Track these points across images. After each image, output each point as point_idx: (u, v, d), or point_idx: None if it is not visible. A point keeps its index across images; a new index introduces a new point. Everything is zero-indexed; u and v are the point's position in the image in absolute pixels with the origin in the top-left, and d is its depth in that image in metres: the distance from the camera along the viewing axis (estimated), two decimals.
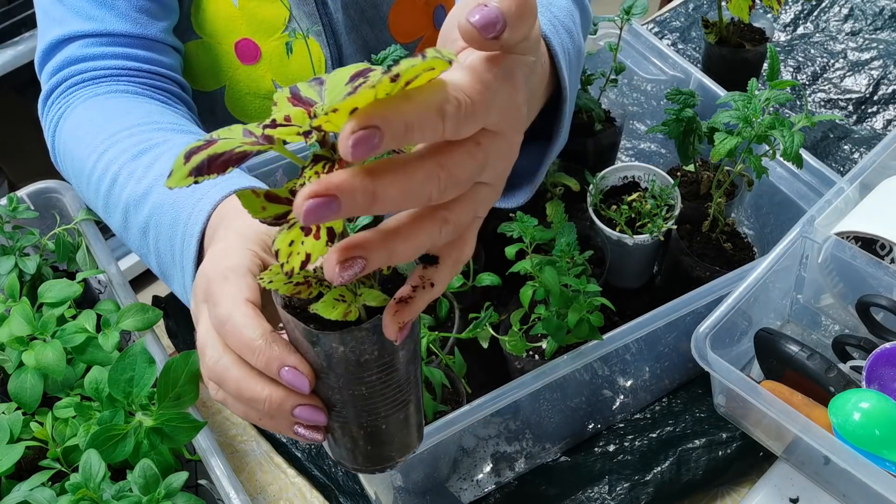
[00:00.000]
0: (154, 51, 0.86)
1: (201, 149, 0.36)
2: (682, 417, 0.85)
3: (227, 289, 0.47)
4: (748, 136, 0.78)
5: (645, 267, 0.93)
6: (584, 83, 0.94)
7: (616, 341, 0.74)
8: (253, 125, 0.38)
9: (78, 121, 0.81)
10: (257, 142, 0.37)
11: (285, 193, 0.40)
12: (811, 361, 0.73)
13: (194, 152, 0.36)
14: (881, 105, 1.15)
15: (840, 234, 0.76)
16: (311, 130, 0.37)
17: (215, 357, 0.46)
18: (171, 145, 0.73)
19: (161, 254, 0.68)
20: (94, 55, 0.83)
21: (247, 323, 0.45)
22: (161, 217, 0.67)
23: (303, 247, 0.38)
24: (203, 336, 0.48)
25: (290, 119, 0.37)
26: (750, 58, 1.09)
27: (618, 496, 0.80)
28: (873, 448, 0.67)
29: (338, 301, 0.41)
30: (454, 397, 0.76)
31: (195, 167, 0.36)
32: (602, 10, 0.99)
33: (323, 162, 0.38)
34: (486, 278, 0.77)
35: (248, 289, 0.47)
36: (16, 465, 0.69)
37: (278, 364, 0.43)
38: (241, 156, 0.37)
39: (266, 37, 0.93)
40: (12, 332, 0.73)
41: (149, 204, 0.69)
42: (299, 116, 0.37)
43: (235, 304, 0.46)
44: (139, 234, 0.70)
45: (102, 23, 0.83)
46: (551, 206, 0.85)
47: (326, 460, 0.85)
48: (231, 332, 0.45)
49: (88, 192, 0.78)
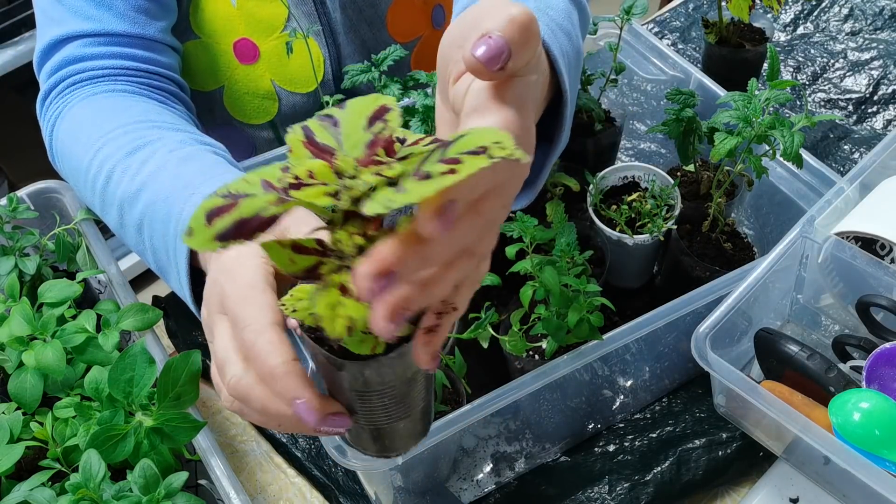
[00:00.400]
0: (152, 50, 0.86)
1: (223, 210, 0.35)
2: (682, 417, 0.85)
3: (251, 312, 0.47)
4: (748, 136, 0.78)
5: (645, 267, 0.93)
6: (584, 83, 0.94)
7: (616, 341, 0.74)
8: (271, 173, 0.37)
9: (75, 120, 0.81)
10: (283, 199, 0.35)
11: (312, 244, 0.39)
12: (811, 361, 0.73)
13: (216, 214, 0.35)
14: (881, 105, 1.15)
15: (840, 234, 0.76)
16: (339, 190, 0.36)
17: (238, 375, 0.47)
18: (165, 142, 0.73)
19: (157, 250, 0.68)
20: (92, 55, 0.83)
21: (271, 350, 0.45)
22: (154, 213, 0.67)
23: (345, 309, 0.38)
24: (224, 352, 0.49)
25: (314, 175, 0.36)
26: (750, 58, 1.09)
27: (618, 496, 0.80)
28: (873, 448, 0.67)
29: (366, 335, 0.41)
30: (454, 397, 0.76)
31: (221, 233, 0.34)
32: (602, 10, 0.99)
33: (356, 219, 0.37)
34: (486, 278, 0.77)
35: (271, 310, 0.48)
36: (16, 465, 0.69)
37: (292, 396, 0.44)
38: (270, 221, 0.35)
39: (265, 36, 0.93)
40: (12, 332, 0.73)
41: (142, 200, 0.69)
42: (324, 172, 0.36)
43: (262, 331, 0.46)
44: (135, 231, 0.70)
45: (101, 22, 0.83)
46: (551, 206, 0.85)
47: (326, 460, 0.85)
48: (256, 357, 0.46)
49: (85, 191, 0.78)
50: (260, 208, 0.35)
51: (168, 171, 0.69)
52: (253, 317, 0.47)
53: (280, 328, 0.47)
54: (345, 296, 0.38)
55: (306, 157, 0.38)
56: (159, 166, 0.70)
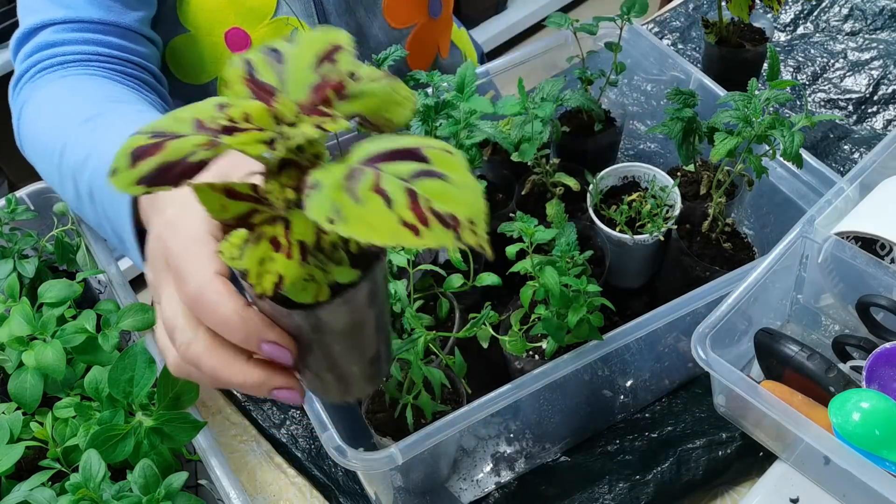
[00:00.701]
0: (127, 39, 0.85)
1: (149, 153, 0.32)
2: (682, 417, 0.85)
3: (193, 264, 0.45)
4: (748, 136, 0.78)
5: (645, 267, 0.93)
6: (585, 83, 0.94)
7: (616, 341, 0.74)
8: (205, 110, 0.33)
9: (39, 101, 0.80)
10: (215, 142, 0.33)
11: (246, 190, 0.36)
12: (811, 361, 0.73)
13: (141, 155, 0.32)
14: (881, 105, 1.15)
15: (840, 234, 0.76)
16: (275, 139, 0.33)
17: (188, 339, 0.46)
18: (119, 112, 0.71)
19: (110, 218, 0.66)
20: (65, 41, 0.83)
21: (220, 300, 0.44)
22: (102, 180, 0.64)
23: (274, 265, 0.36)
24: (172, 313, 0.47)
25: (250, 118, 0.33)
26: (750, 58, 1.09)
27: (618, 496, 0.80)
28: (873, 448, 0.67)
29: (308, 282, 0.39)
30: (454, 397, 0.76)
31: (145, 177, 0.32)
32: (602, 10, 0.99)
33: (291, 169, 0.35)
34: (486, 278, 0.77)
35: (214, 259, 0.46)
36: (16, 465, 0.69)
37: (258, 339, 0.43)
38: (199, 166, 0.33)
39: (255, 24, 0.93)
40: (12, 332, 0.73)
41: (90, 167, 0.67)
42: (261, 116, 0.34)
43: (206, 282, 0.45)
44: (88, 202, 0.68)
45: (75, 10, 0.83)
46: (551, 206, 0.85)
47: (326, 460, 0.85)
48: (205, 309, 0.44)
49: (48, 170, 0.75)
50: (188, 152, 0.32)
51: (116, 134, 0.65)
52: (195, 269, 0.45)
53: (226, 277, 0.45)
54: (276, 250, 0.36)
55: (245, 96, 0.35)
56: (108, 130, 0.68)
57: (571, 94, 0.89)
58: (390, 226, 0.30)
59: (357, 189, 0.31)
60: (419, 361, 0.70)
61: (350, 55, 0.36)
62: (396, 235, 0.30)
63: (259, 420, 0.89)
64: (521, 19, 2.68)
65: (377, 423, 0.75)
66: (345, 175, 0.32)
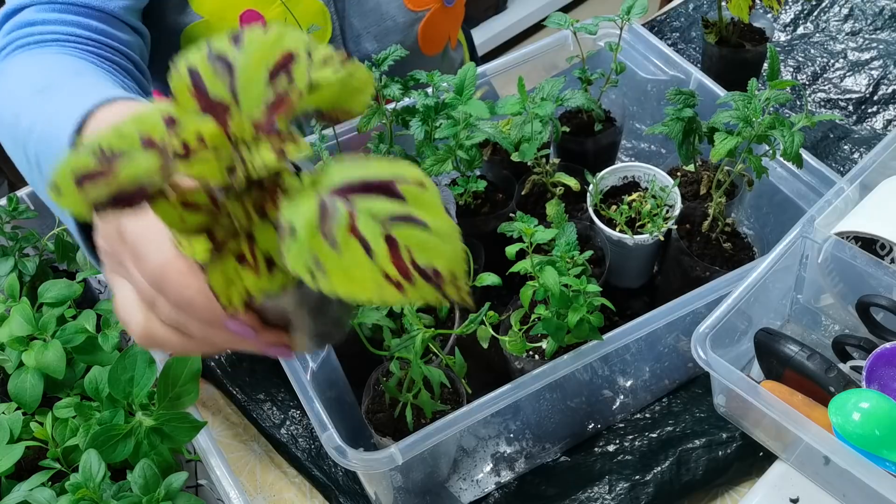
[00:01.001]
0: (109, 24, 0.84)
1: (97, 176, 0.30)
2: (682, 417, 0.85)
3: (152, 242, 0.43)
4: (748, 136, 0.78)
5: (645, 267, 0.93)
6: (585, 83, 0.94)
7: (616, 341, 0.74)
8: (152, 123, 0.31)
9: (6, 73, 0.78)
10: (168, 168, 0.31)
11: (203, 200, 0.34)
12: (811, 361, 0.73)
13: (89, 178, 0.30)
14: (881, 105, 1.15)
15: (840, 234, 0.76)
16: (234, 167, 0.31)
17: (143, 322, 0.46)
18: (79, 83, 0.69)
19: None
20: (45, 20, 0.81)
21: (182, 282, 0.42)
22: (46, 148, 0.62)
23: (242, 283, 0.34)
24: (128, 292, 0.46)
25: (204, 139, 0.31)
26: (750, 58, 1.09)
27: (618, 496, 0.80)
28: (873, 448, 0.67)
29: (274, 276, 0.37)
30: (454, 397, 0.76)
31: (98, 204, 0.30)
32: (602, 10, 0.99)
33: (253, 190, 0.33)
34: (486, 278, 0.77)
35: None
36: (16, 465, 0.69)
37: (222, 320, 0.42)
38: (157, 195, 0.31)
39: (268, 4, 0.93)
40: (12, 332, 0.73)
41: (35, 136, 0.64)
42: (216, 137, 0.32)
43: (167, 262, 0.43)
44: (37, 171, 0.65)
45: None
46: (551, 206, 0.85)
47: (326, 460, 0.85)
48: (167, 290, 0.43)
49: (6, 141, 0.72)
50: (143, 179, 0.30)
51: (62, 104, 0.63)
52: (153, 248, 0.43)
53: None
54: (242, 265, 0.34)
55: (194, 111, 0.33)
56: (59, 101, 0.65)
57: (571, 94, 0.89)
58: (375, 280, 0.30)
59: (334, 232, 0.30)
60: (418, 360, 0.70)
61: (304, 67, 0.34)
62: (381, 292, 0.30)
63: (259, 420, 0.89)
64: (521, 19, 2.68)
65: (377, 423, 0.75)
66: (318, 214, 0.31)
